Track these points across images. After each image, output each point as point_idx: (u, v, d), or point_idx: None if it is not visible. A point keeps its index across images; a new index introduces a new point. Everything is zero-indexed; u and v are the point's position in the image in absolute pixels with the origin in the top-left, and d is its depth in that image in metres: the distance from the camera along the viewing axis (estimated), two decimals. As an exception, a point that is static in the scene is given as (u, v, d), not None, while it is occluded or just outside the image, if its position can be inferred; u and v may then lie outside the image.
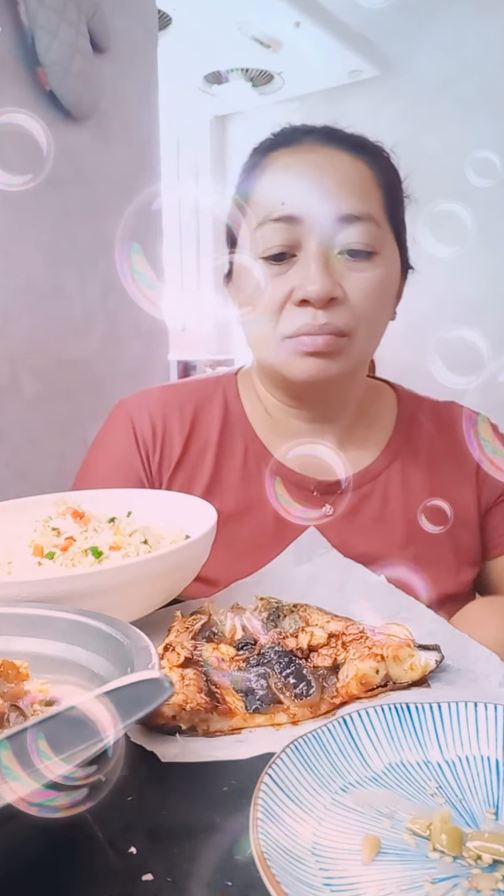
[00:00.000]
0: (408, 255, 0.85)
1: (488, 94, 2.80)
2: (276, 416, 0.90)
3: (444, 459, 0.90)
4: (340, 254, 0.76)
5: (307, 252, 0.76)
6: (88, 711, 0.32)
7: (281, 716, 0.51)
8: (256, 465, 0.87)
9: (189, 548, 0.61)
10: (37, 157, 0.59)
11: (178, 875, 0.36)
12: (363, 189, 0.77)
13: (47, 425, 1.82)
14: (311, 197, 0.75)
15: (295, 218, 0.76)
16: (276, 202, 0.76)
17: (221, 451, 0.88)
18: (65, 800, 0.30)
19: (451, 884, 0.33)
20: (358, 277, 0.77)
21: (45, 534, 0.68)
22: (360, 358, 0.81)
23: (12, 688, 0.42)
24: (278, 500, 0.80)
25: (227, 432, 0.89)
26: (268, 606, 0.63)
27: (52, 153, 0.61)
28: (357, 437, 0.90)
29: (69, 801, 0.30)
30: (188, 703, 0.48)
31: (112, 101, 1.89)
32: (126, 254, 0.61)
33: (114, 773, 0.33)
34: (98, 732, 0.31)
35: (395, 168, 0.84)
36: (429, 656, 0.54)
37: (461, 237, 0.76)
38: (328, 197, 0.75)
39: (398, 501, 0.87)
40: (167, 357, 2.21)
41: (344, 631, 0.56)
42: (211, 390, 0.93)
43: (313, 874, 0.33)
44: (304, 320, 0.76)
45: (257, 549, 0.80)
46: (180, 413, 0.89)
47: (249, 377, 0.94)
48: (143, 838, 0.38)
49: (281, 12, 2.48)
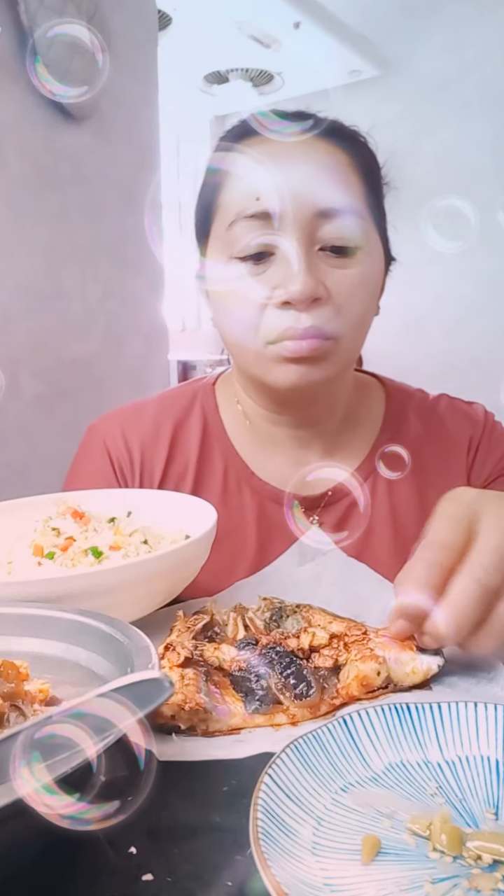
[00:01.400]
0: (389, 245, 0.81)
1: (488, 94, 2.80)
2: (258, 425, 0.86)
3: (432, 457, 0.87)
4: (322, 250, 0.71)
5: (286, 250, 0.70)
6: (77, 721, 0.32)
7: (280, 716, 0.51)
8: (237, 485, 0.84)
9: (189, 548, 0.61)
10: (91, 69, 0.58)
11: (178, 875, 0.36)
12: (343, 179, 0.72)
13: (47, 425, 1.82)
14: (287, 191, 0.69)
15: (271, 214, 0.70)
16: (249, 198, 0.71)
17: (200, 473, 0.84)
18: (96, 812, 0.30)
19: (451, 884, 0.33)
20: (341, 275, 0.71)
21: (45, 534, 0.68)
22: (346, 360, 0.77)
23: (12, 688, 0.42)
24: (296, 524, 0.78)
25: (206, 452, 0.85)
26: (270, 606, 0.63)
27: (107, 66, 0.60)
28: (344, 442, 0.86)
29: (101, 813, 0.30)
30: (187, 703, 0.48)
31: (112, 101, 1.89)
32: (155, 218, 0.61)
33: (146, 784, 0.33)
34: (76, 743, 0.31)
35: (373, 153, 0.79)
36: (431, 660, 0.54)
37: (464, 234, 0.75)
38: (306, 190, 0.69)
39: (384, 507, 0.84)
40: (167, 357, 2.22)
41: (346, 632, 0.56)
42: (188, 403, 0.89)
43: (313, 874, 0.33)
44: (287, 324, 0.70)
45: (236, 569, 0.78)
46: (157, 435, 0.86)
47: (229, 383, 0.89)
48: (143, 838, 0.38)
49: (281, 12, 2.49)
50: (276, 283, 0.71)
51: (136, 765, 0.32)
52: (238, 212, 0.72)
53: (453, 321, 2.82)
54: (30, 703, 0.42)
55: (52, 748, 0.30)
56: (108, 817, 0.31)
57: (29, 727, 0.31)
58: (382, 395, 0.91)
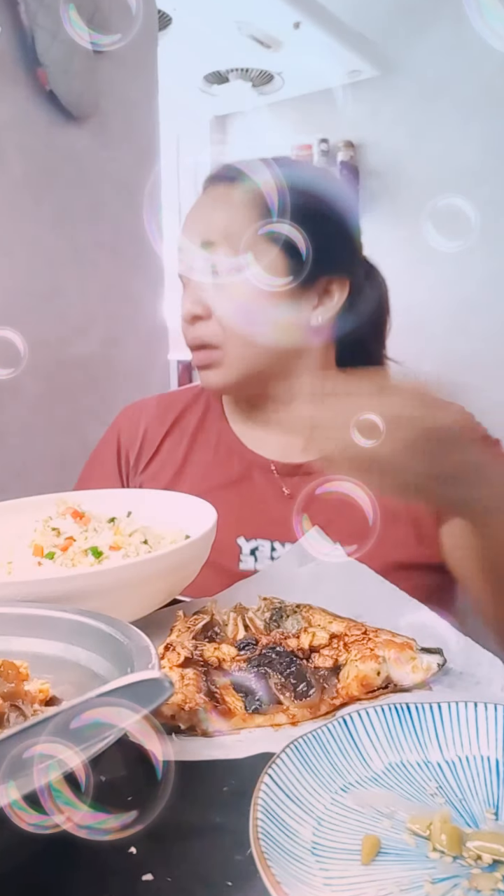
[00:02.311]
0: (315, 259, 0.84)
1: (488, 94, 2.80)
2: (243, 407, 0.96)
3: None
4: (214, 273, 0.84)
5: (182, 275, 0.88)
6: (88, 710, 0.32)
7: (280, 716, 0.51)
8: (227, 452, 0.94)
9: (189, 548, 0.61)
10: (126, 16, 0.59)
11: (178, 875, 0.36)
12: (226, 214, 0.84)
13: (47, 425, 1.82)
14: (187, 230, 0.86)
15: (180, 248, 0.88)
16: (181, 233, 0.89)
17: (195, 440, 0.96)
18: (114, 822, 0.30)
19: (451, 884, 0.33)
20: (223, 293, 0.84)
21: (45, 534, 0.68)
22: (245, 365, 0.87)
23: (12, 688, 0.42)
24: (303, 531, 0.81)
25: (204, 425, 0.98)
26: (271, 606, 0.63)
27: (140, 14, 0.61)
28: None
29: (118, 823, 0.31)
30: (187, 703, 0.48)
31: (112, 101, 1.89)
32: (154, 213, 0.63)
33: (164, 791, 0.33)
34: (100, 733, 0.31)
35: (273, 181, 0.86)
36: (431, 659, 0.54)
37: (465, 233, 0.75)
38: (192, 225, 0.86)
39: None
40: (167, 357, 2.21)
41: (346, 632, 0.56)
42: (200, 391, 1.02)
43: (313, 874, 0.33)
44: (186, 337, 0.88)
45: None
46: (164, 413, 0.99)
47: None
48: (143, 838, 0.38)
49: (281, 12, 2.48)
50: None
51: (154, 775, 0.32)
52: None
53: (453, 321, 2.82)
54: (30, 703, 0.42)
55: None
56: (126, 827, 0.31)
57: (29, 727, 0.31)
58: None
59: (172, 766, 0.33)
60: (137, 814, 0.31)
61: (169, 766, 0.32)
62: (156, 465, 0.96)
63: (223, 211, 0.85)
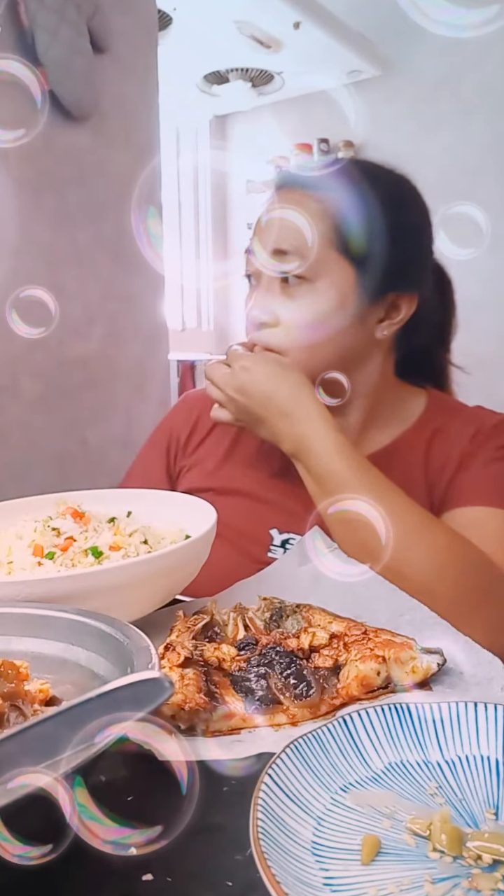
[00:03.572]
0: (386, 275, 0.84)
1: (488, 94, 2.80)
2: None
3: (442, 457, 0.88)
4: (284, 281, 0.84)
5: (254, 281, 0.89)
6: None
7: (280, 716, 0.51)
8: (272, 445, 0.90)
9: (189, 548, 0.61)
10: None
11: (178, 875, 0.36)
12: (300, 223, 0.83)
13: (47, 425, 1.82)
14: (259, 234, 0.86)
15: (250, 251, 0.88)
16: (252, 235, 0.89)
17: (242, 430, 0.94)
18: (139, 838, 0.30)
19: (451, 884, 0.33)
20: (292, 303, 0.84)
21: (45, 534, 0.68)
22: (305, 370, 0.85)
23: (12, 688, 0.42)
24: (317, 555, 0.81)
25: (223, 427, 0.97)
26: (271, 606, 0.63)
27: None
28: (366, 437, 0.91)
29: (143, 838, 0.31)
30: (187, 703, 0.48)
31: (112, 101, 1.89)
32: (143, 216, 0.62)
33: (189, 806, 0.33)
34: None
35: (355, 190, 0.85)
36: (431, 659, 0.54)
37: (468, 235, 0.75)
38: (268, 234, 0.85)
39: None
40: (167, 357, 2.21)
41: (346, 632, 0.56)
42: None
43: (313, 874, 0.33)
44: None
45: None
46: (201, 411, 1.00)
47: None
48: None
49: (281, 12, 2.49)
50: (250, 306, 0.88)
51: (179, 790, 0.33)
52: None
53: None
54: (30, 703, 0.42)
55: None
56: (150, 843, 0.31)
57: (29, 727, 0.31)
58: (423, 404, 0.95)
59: (196, 780, 0.33)
60: (162, 829, 0.31)
61: (194, 780, 0.33)
62: (203, 451, 0.99)
63: (296, 221, 0.84)
